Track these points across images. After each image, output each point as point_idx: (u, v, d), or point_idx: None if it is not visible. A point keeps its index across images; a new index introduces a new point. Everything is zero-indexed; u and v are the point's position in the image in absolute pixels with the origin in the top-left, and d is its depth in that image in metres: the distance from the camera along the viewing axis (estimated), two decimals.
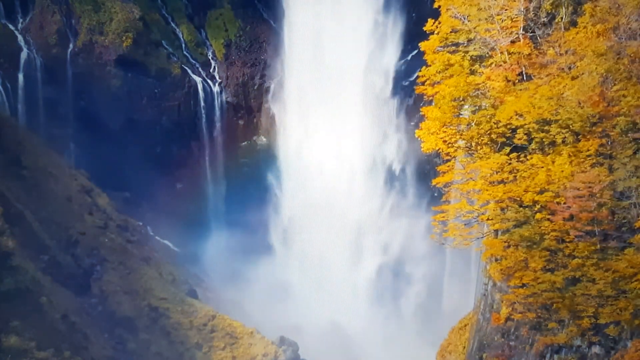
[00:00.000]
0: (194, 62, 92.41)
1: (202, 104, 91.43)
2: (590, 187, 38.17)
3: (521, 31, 43.17)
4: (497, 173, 41.10)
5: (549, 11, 43.32)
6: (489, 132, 41.57)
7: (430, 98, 44.45)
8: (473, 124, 42.55)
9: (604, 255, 39.08)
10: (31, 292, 59.54)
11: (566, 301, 39.33)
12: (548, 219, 39.34)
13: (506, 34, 43.08)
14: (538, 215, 39.62)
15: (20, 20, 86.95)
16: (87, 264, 72.61)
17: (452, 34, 44.20)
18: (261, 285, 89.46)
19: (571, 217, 38.87)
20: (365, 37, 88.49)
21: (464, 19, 43.60)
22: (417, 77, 45.67)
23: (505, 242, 41.14)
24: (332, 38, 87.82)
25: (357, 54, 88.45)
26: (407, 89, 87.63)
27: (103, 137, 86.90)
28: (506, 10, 43.16)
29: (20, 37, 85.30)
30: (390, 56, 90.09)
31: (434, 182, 43.96)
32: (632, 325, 38.57)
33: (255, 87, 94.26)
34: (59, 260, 69.11)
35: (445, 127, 43.18)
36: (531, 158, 40.70)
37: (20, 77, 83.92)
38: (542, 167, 39.69)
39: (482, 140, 42.16)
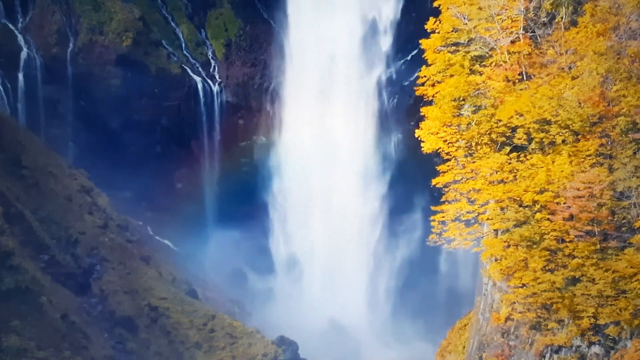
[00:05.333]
0: (194, 61, 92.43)
1: (202, 103, 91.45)
2: (590, 187, 38.12)
3: (521, 31, 43.11)
4: (497, 173, 41.07)
5: (549, 11, 43.26)
6: (489, 131, 41.53)
7: (431, 98, 44.39)
8: (473, 123, 42.51)
9: (604, 255, 39.02)
10: (31, 292, 59.58)
11: (566, 301, 39.30)
12: (548, 219, 39.28)
13: (506, 33, 43.01)
14: (538, 215, 39.56)
15: (20, 20, 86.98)
16: (87, 264, 72.63)
17: (453, 33, 44.14)
18: (261, 284, 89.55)
19: (571, 217, 38.82)
20: (365, 37, 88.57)
21: (464, 18, 43.55)
22: (417, 77, 45.58)
23: (505, 242, 41.09)
24: (332, 38, 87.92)
25: (357, 54, 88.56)
26: (407, 89, 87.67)
27: (103, 137, 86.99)
28: (506, 10, 43.09)
29: (20, 37, 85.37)
30: (391, 56, 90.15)
31: (433, 181, 43.86)
32: (632, 325, 38.54)
33: (255, 87, 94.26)
34: (59, 260, 69.12)
35: (445, 126, 43.11)
36: (531, 158, 40.63)
37: (20, 76, 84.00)
38: (542, 167, 39.63)
39: (482, 140, 42.10)
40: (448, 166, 43.84)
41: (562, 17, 42.82)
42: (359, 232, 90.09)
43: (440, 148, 43.49)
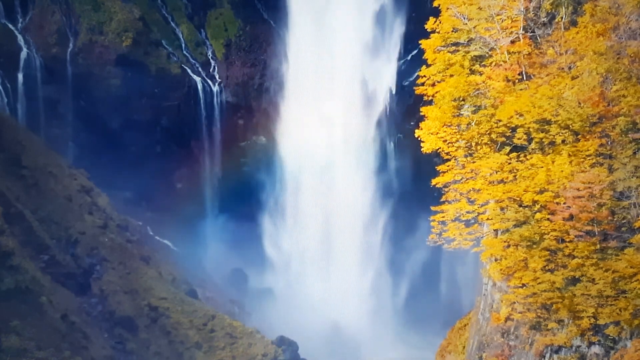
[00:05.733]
0: (193, 62, 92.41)
1: (202, 103, 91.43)
2: (590, 187, 38.12)
3: (521, 31, 43.14)
4: (497, 173, 41.08)
5: (549, 11, 43.28)
6: (489, 131, 41.55)
7: (431, 98, 44.41)
8: (473, 123, 42.52)
9: (604, 255, 39.03)
10: (31, 292, 59.58)
11: (566, 301, 39.30)
12: (548, 219, 39.29)
13: (506, 33, 43.04)
14: (538, 215, 39.57)
15: (20, 20, 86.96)
16: (87, 264, 72.59)
17: (453, 33, 44.15)
18: (261, 284, 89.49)
19: (571, 217, 38.83)
20: (365, 36, 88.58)
21: (464, 18, 43.57)
22: (417, 77, 45.60)
23: (505, 242, 41.10)
24: (332, 38, 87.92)
25: (358, 54, 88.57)
26: (407, 89, 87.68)
27: (103, 137, 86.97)
28: (506, 10, 43.12)
29: (20, 37, 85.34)
30: (391, 56, 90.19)
31: (433, 182, 43.88)
32: (632, 325, 38.55)
33: (255, 87, 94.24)
34: (59, 260, 69.10)
35: (445, 126, 43.14)
36: (531, 158, 40.65)
37: (20, 76, 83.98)
38: (542, 167, 39.64)
39: (482, 140, 42.12)
40: (448, 166, 43.86)
41: (562, 17, 42.83)
42: (360, 231, 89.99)
43: (440, 148, 43.51)
